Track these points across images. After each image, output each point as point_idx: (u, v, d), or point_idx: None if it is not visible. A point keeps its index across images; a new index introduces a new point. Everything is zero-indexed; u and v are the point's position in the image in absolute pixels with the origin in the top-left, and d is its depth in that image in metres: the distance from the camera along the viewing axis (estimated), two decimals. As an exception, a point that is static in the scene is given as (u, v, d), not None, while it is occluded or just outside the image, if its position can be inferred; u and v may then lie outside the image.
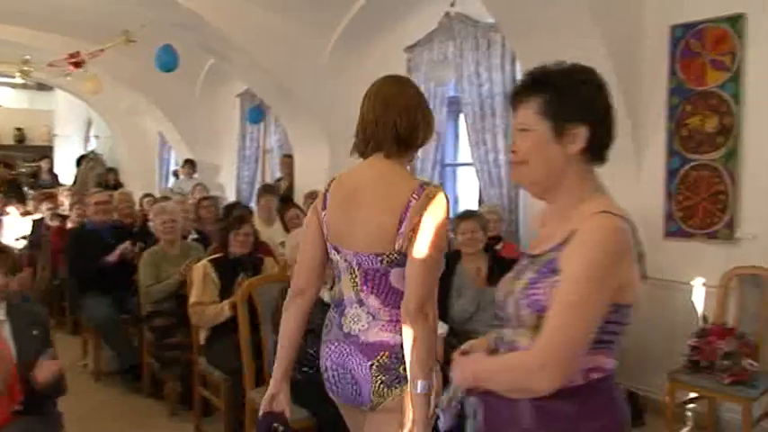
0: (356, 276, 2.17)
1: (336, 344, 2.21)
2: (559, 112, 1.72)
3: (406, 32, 6.78)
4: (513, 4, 4.67)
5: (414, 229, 2.07)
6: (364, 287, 2.17)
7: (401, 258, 2.10)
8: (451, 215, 5.86)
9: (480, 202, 6.15)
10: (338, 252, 2.21)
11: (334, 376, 2.22)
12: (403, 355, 2.09)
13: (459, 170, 7.06)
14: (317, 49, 7.04)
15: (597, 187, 1.78)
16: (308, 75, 7.16)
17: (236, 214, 5.13)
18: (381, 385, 2.13)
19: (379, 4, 6.49)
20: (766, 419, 4.09)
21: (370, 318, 2.15)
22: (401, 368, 2.11)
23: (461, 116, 6.35)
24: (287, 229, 5.99)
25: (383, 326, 2.14)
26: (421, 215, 2.08)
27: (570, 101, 1.73)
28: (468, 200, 6.76)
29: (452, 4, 6.06)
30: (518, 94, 1.80)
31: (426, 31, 6.55)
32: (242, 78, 8.78)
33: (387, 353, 2.13)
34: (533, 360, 1.63)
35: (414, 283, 2.07)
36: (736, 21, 4.31)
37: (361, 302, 2.17)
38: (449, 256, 4.57)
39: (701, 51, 4.47)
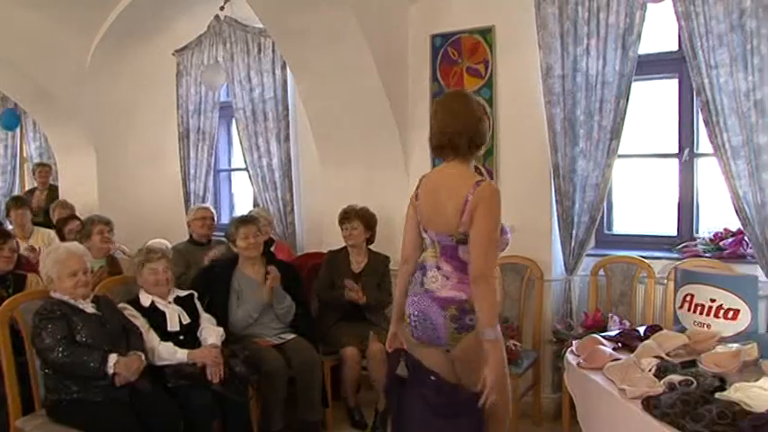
0: (436, 249, 2.92)
1: (419, 296, 2.92)
2: None
3: (176, 35, 6.61)
4: (280, 10, 4.68)
5: (471, 217, 2.76)
6: (442, 257, 2.89)
7: (465, 238, 2.79)
8: (227, 220, 5.82)
9: (255, 206, 6.12)
10: (426, 232, 2.99)
11: (416, 321, 2.92)
12: (468, 308, 2.80)
13: (234, 175, 7.00)
14: (78, 49, 6.58)
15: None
16: (69, 77, 6.68)
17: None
18: (454, 332, 2.83)
19: (146, 4, 6.21)
20: (530, 393, 4.52)
21: (444, 279, 2.87)
22: (467, 318, 2.80)
23: (234, 121, 6.30)
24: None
25: (453, 285, 2.84)
26: (476, 206, 2.76)
27: None
28: (244, 205, 6.71)
29: (222, 8, 5.99)
30: None
31: (196, 34, 6.44)
32: (-9, 79, 7.95)
33: (455, 306, 2.82)
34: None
35: (474, 255, 2.75)
36: (486, 32, 4.68)
37: (438, 268, 2.89)
38: (226, 263, 4.51)
39: (458, 59, 4.80)
